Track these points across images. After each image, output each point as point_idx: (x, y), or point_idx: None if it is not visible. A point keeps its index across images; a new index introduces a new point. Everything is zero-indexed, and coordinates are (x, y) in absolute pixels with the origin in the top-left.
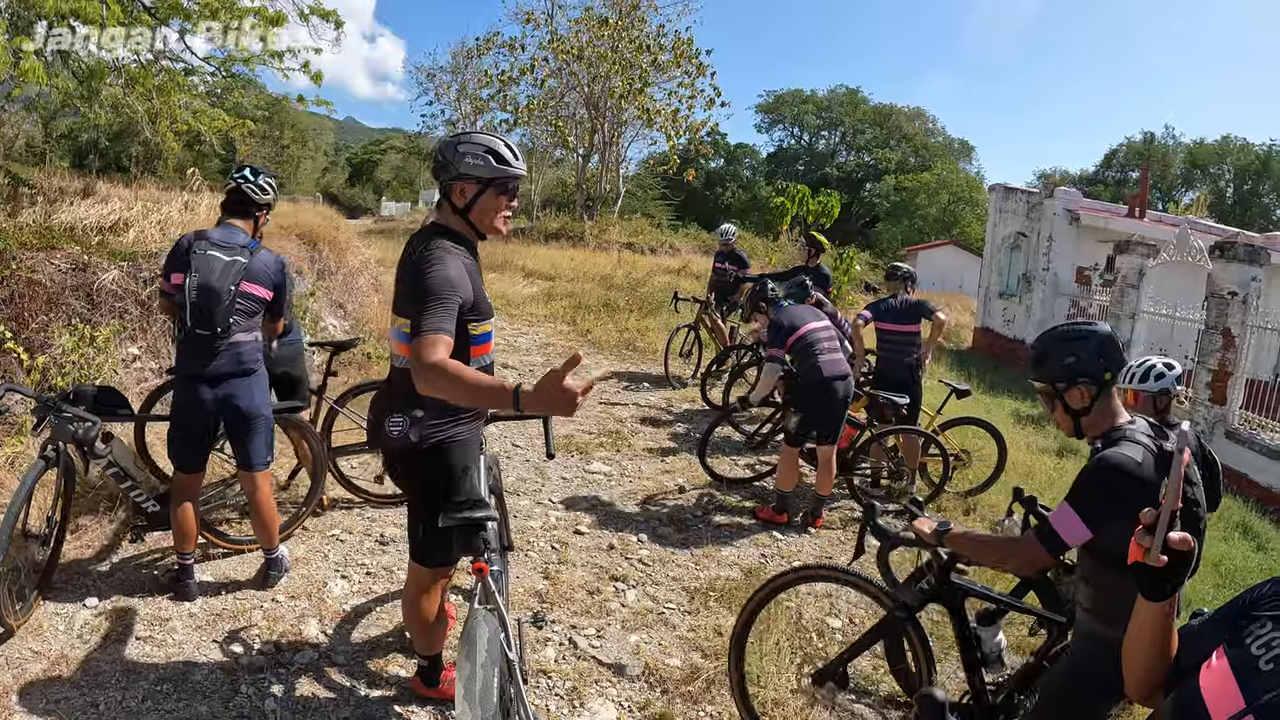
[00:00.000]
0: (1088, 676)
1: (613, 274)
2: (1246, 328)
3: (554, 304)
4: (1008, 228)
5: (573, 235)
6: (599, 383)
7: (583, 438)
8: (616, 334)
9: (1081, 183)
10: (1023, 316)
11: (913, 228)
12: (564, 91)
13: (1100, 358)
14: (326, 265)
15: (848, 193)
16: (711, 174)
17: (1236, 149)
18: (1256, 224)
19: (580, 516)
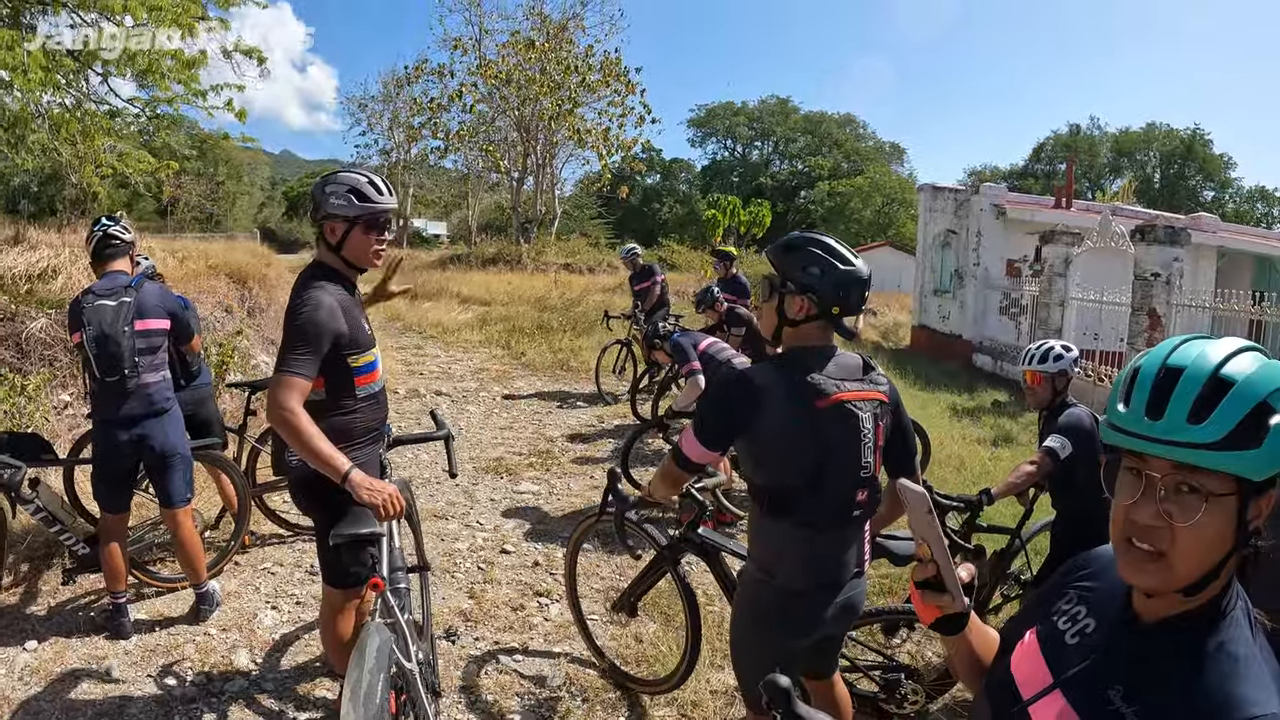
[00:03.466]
0: (747, 617)
1: (548, 296)
2: (1171, 307)
3: (489, 329)
4: (938, 226)
5: (510, 259)
6: (530, 398)
7: (513, 459)
8: (551, 355)
9: (1012, 177)
10: (957, 312)
11: (849, 231)
12: (494, 116)
13: (840, 290)
14: (257, 303)
15: (783, 201)
16: (648, 190)
17: (1161, 135)
18: (1184, 206)
19: (507, 536)
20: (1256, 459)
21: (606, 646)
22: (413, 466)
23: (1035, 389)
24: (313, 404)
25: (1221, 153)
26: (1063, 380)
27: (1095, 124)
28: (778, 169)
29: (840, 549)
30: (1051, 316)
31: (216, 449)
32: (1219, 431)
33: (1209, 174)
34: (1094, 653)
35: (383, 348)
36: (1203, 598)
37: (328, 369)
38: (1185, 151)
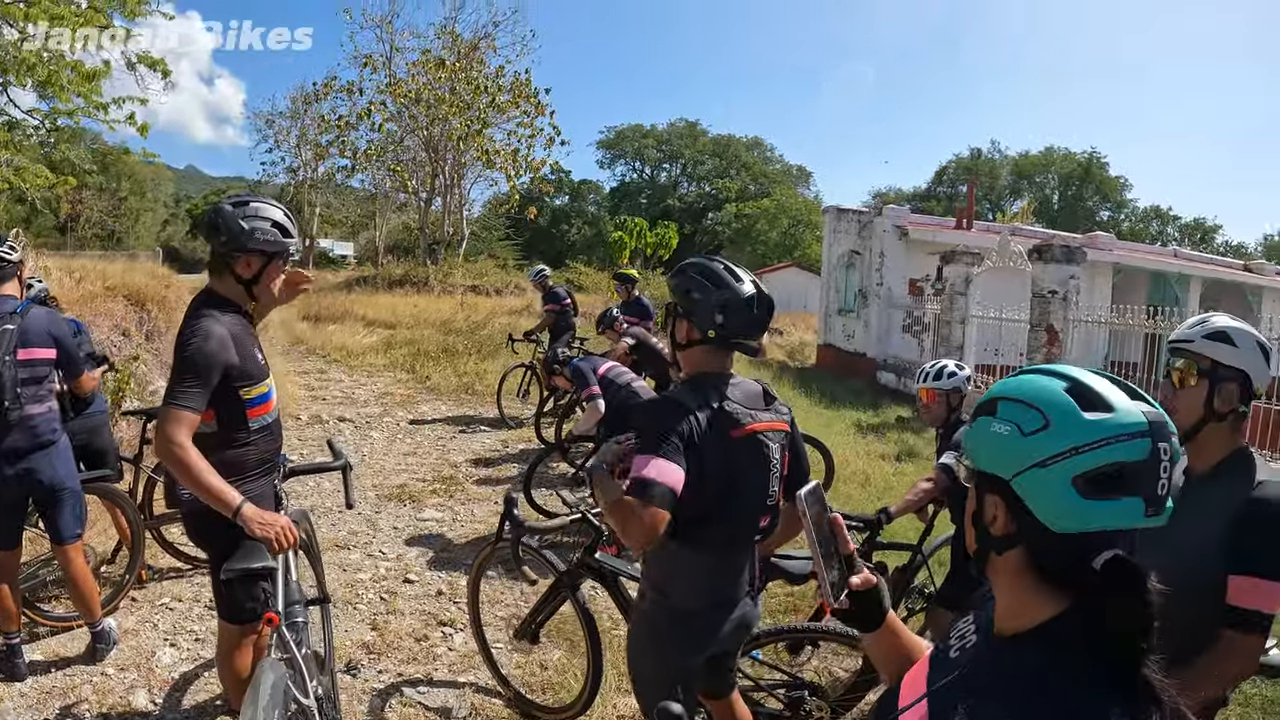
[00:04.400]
0: (643, 637)
1: (454, 318)
2: (1069, 323)
3: (394, 352)
4: (842, 247)
5: (417, 281)
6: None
7: (416, 485)
8: (456, 379)
9: (915, 199)
10: (862, 331)
11: (755, 253)
12: (403, 135)
13: (718, 313)
14: (155, 326)
15: (690, 223)
16: (557, 211)
17: (1059, 158)
18: (1082, 226)
19: (410, 564)
20: (966, 435)
21: (512, 675)
22: (315, 495)
23: (931, 406)
24: (204, 436)
25: (1118, 175)
26: (957, 397)
27: (996, 148)
28: (686, 191)
29: (736, 571)
30: (953, 334)
31: (110, 480)
32: (972, 410)
33: (1105, 195)
34: (961, 666)
35: (285, 372)
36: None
37: (218, 401)
38: (1083, 174)
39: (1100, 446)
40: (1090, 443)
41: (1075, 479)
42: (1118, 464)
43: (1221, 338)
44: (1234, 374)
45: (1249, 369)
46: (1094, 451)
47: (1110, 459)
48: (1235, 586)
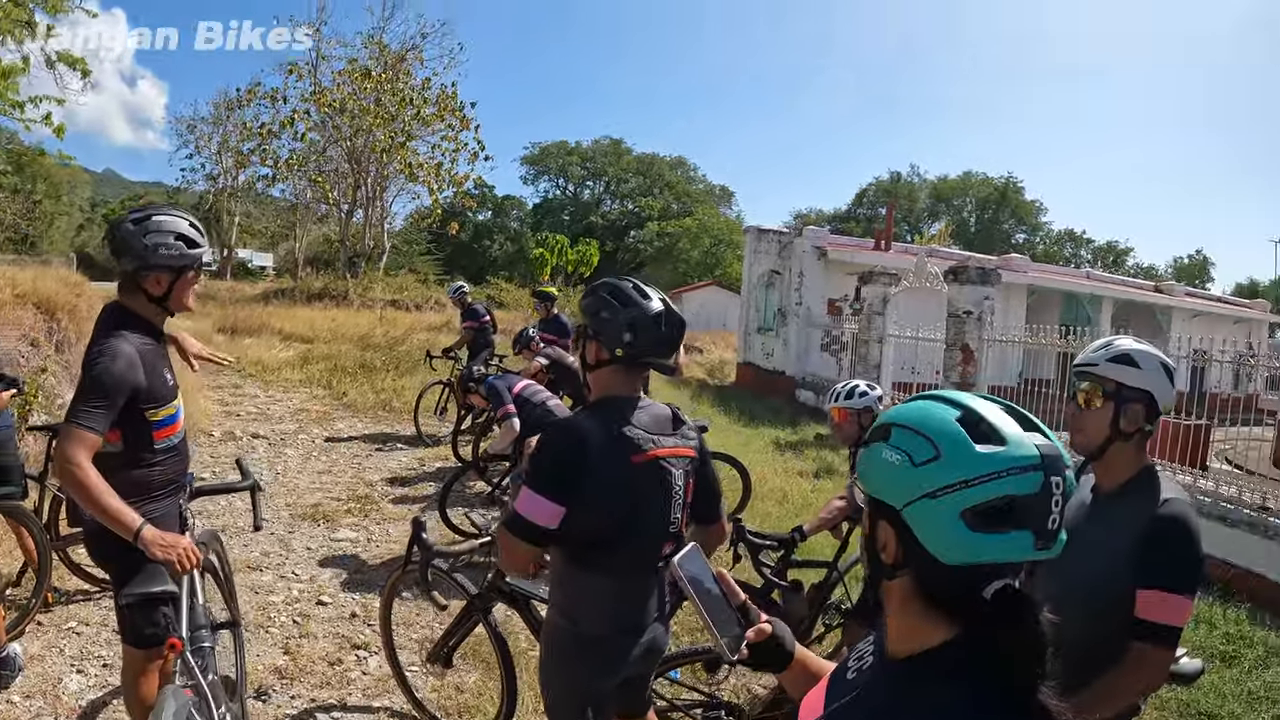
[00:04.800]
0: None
1: (372, 333)
2: (983, 342)
3: (311, 367)
4: (762, 266)
5: (336, 294)
6: (351, 440)
7: (331, 505)
8: (373, 395)
9: (835, 220)
10: (780, 349)
11: (677, 271)
12: (326, 145)
13: (627, 332)
14: (66, 336)
15: (613, 240)
16: (479, 226)
17: (977, 183)
18: (998, 248)
19: (324, 586)
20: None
21: (427, 699)
22: (227, 515)
23: (842, 425)
24: (108, 457)
25: (1033, 199)
26: (868, 416)
27: (915, 171)
28: (609, 209)
29: (642, 597)
30: (870, 353)
31: (15, 499)
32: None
33: (1021, 218)
34: (857, 688)
35: (199, 387)
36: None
37: (124, 422)
38: (999, 198)
39: (990, 480)
40: (980, 476)
41: (964, 512)
42: (1008, 498)
43: (1125, 360)
44: (1139, 395)
45: (1153, 389)
46: (984, 485)
47: (1000, 493)
48: (1143, 600)
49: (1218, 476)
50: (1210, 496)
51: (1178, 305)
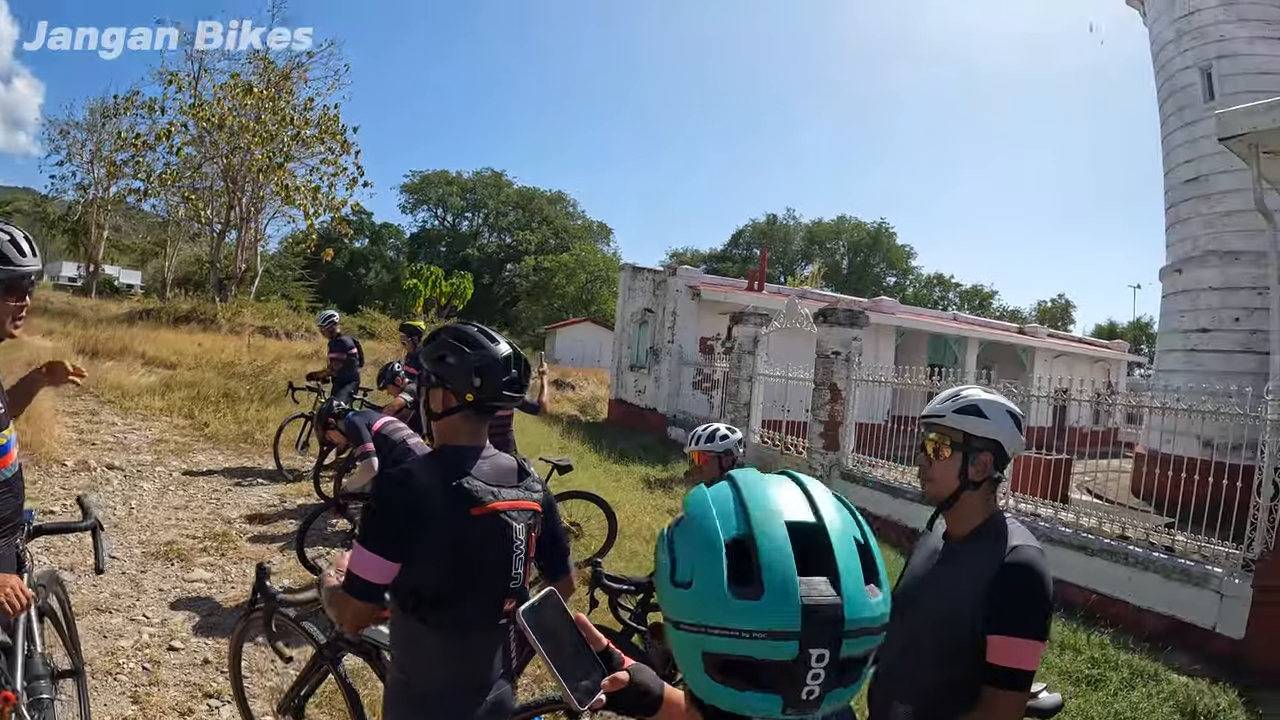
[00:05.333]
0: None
1: (238, 360)
2: (851, 382)
3: (173, 395)
4: (637, 304)
5: (204, 317)
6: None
7: (186, 542)
8: (235, 426)
9: (712, 260)
10: (652, 387)
11: (552, 306)
12: (202, 161)
13: (475, 376)
14: None
15: (490, 273)
16: (355, 254)
17: (851, 227)
18: (869, 291)
19: (176, 630)
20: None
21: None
22: (76, 552)
23: (703, 468)
24: None
25: (904, 243)
26: (728, 459)
27: (791, 215)
28: (487, 241)
29: (485, 654)
30: (741, 391)
31: None
32: None
33: (892, 262)
34: None
35: (53, 412)
36: None
37: None
38: (872, 242)
39: (733, 637)
40: (724, 629)
41: (705, 655)
42: (750, 658)
43: (972, 411)
44: (986, 444)
45: (1001, 438)
46: (724, 639)
47: (743, 653)
48: (994, 645)
49: (1079, 508)
50: (1072, 528)
51: (1040, 346)
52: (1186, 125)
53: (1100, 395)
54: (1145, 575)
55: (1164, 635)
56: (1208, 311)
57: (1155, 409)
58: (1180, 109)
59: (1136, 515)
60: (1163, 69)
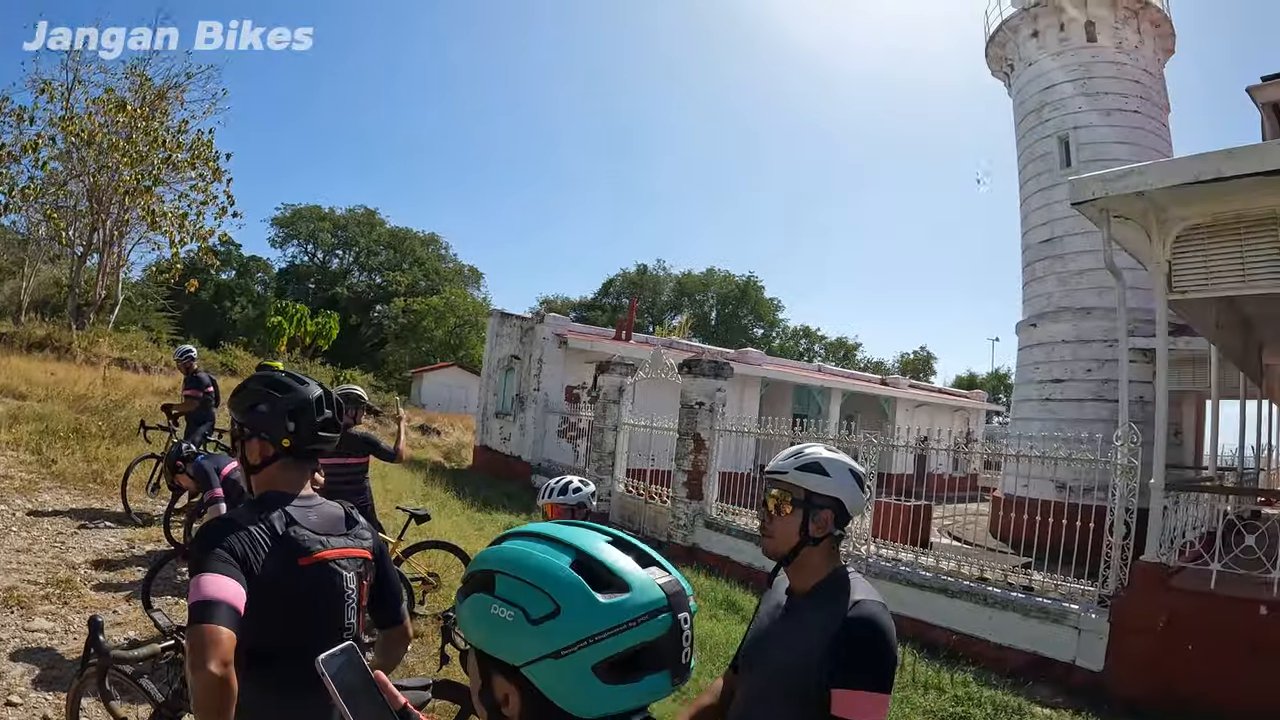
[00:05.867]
0: None
1: (92, 393)
2: (715, 432)
3: (20, 428)
4: (504, 350)
5: (59, 345)
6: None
7: (26, 589)
8: (85, 464)
9: (582, 308)
10: (518, 434)
11: (420, 349)
12: (68, 178)
13: (289, 420)
14: None
15: (358, 313)
16: (221, 287)
17: (720, 279)
18: (737, 342)
19: (15, 684)
20: (460, 609)
21: None
22: None
23: (556, 521)
24: None
25: (772, 296)
26: (581, 512)
27: (661, 265)
28: (356, 280)
29: (312, 709)
30: (606, 440)
31: None
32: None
33: (760, 314)
34: None
35: None
36: None
37: None
38: (740, 294)
39: (621, 632)
40: (609, 629)
41: (595, 667)
42: (639, 645)
43: (814, 469)
44: (828, 502)
45: (842, 496)
46: (615, 638)
47: (632, 643)
48: (837, 699)
49: (940, 552)
50: (933, 571)
51: (902, 396)
52: (1044, 190)
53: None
54: (1005, 614)
55: (1026, 671)
56: (1061, 363)
57: (1011, 456)
58: (1039, 174)
59: (996, 557)
60: (1024, 137)
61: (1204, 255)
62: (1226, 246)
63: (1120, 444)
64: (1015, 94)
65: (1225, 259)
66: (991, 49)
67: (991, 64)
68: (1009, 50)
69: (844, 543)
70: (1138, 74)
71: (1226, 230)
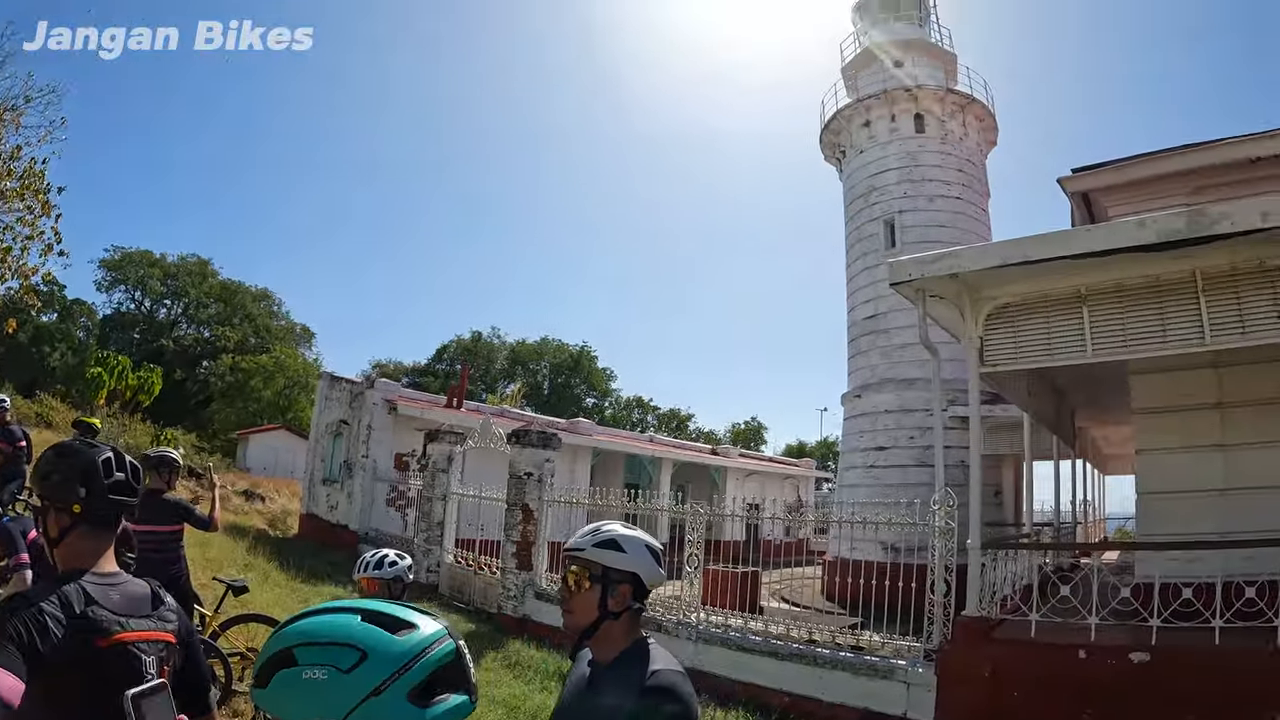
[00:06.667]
0: None
1: None
2: (543, 503)
3: None
4: (333, 415)
5: None
6: None
7: None
8: None
9: (415, 374)
10: (345, 502)
11: (248, 410)
12: None
13: (76, 484)
14: None
15: (184, 368)
16: (41, 330)
17: (554, 348)
18: (569, 411)
19: None
20: (264, 697)
21: None
22: None
23: (372, 595)
24: None
25: (605, 366)
26: (398, 586)
27: (496, 333)
28: (184, 333)
29: None
30: (435, 510)
31: None
32: (256, 670)
33: (593, 384)
34: None
35: None
36: None
37: None
38: (573, 364)
39: (421, 659)
40: (412, 659)
41: (409, 695)
42: (438, 670)
43: (611, 545)
44: (625, 577)
45: (639, 571)
46: (418, 664)
47: (432, 668)
48: None
49: (770, 616)
50: (762, 635)
51: (732, 466)
52: (870, 269)
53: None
54: (835, 673)
55: None
56: (885, 431)
57: (837, 521)
58: (866, 254)
59: (827, 618)
60: (853, 219)
61: (1014, 331)
62: (1034, 323)
63: (937, 508)
64: (846, 178)
65: (1033, 334)
66: (826, 135)
67: (825, 149)
68: (842, 138)
69: (673, 611)
70: (961, 163)
71: (1035, 308)
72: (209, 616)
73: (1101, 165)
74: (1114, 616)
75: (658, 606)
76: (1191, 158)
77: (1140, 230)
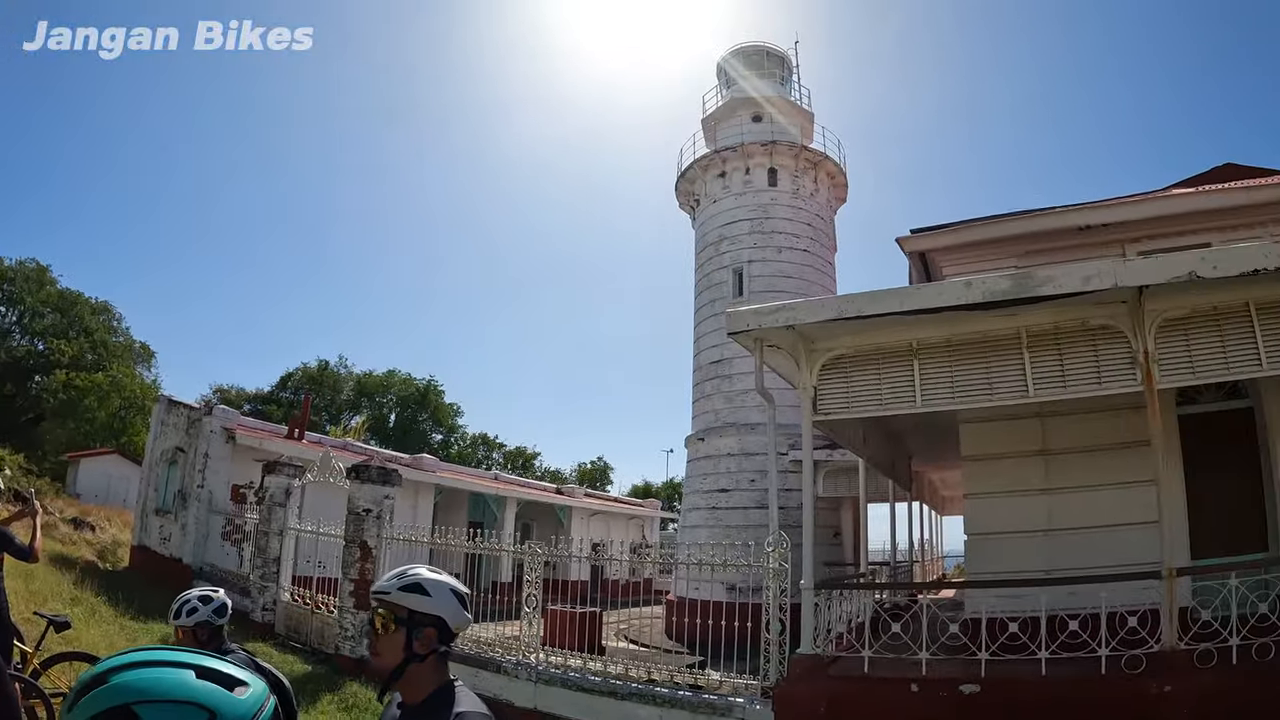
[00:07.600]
0: None
1: None
2: (382, 540)
3: None
4: (168, 441)
5: None
6: None
7: None
8: None
9: (258, 401)
10: (179, 534)
11: (80, 431)
12: None
13: None
14: None
15: (14, 383)
16: None
17: (400, 381)
18: (415, 446)
19: None
20: None
21: None
22: None
23: (180, 642)
24: None
25: (452, 402)
26: (204, 631)
27: (343, 363)
28: (17, 344)
29: None
30: (271, 545)
31: None
32: None
33: (439, 419)
34: None
35: None
36: None
37: None
38: (420, 398)
39: (261, 714)
40: (255, 715)
41: None
42: None
43: (416, 589)
44: (430, 620)
45: (444, 615)
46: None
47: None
48: None
49: (610, 656)
50: (602, 675)
51: (578, 505)
52: (716, 315)
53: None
54: (674, 712)
55: None
56: (727, 474)
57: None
58: (713, 301)
59: (668, 657)
60: (703, 265)
61: (847, 381)
62: (867, 374)
63: (771, 550)
64: (698, 226)
65: (866, 385)
66: (681, 184)
67: (680, 197)
68: (697, 187)
69: (513, 652)
70: (811, 218)
71: (868, 360)
72: (30, 653)
73: (939, 227)
74: (945, 651)
75: (497, 647)
76: (1025, 223)
77: (967, 290)
